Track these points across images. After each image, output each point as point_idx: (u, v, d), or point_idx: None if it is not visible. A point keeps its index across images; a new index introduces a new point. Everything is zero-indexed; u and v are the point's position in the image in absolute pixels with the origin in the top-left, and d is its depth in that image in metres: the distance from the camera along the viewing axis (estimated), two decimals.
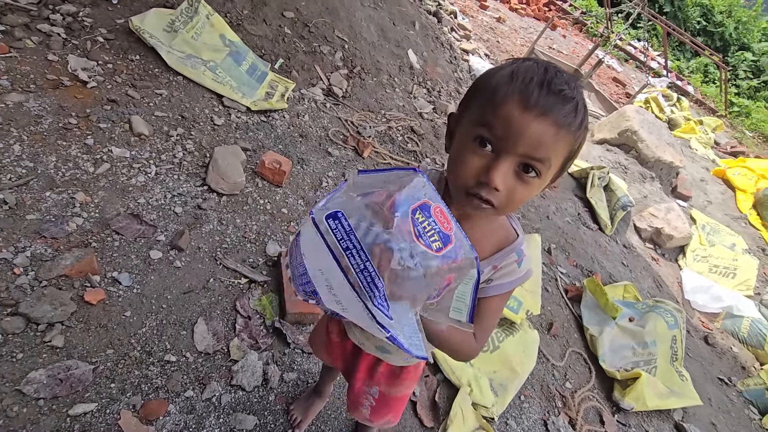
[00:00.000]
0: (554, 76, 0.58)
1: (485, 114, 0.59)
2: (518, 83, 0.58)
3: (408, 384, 1.08)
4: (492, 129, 0.59)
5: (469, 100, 0.67)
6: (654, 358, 2.30)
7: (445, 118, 3.65)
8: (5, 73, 1.92)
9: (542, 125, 0.57)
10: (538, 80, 0.57)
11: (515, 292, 1.89)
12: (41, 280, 1.37)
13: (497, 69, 0.65)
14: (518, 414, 1.79)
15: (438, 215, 0.51)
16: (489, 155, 0.60)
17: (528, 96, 0.56)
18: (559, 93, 0.57)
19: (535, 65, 0.60)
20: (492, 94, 0.59)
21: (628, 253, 3.30)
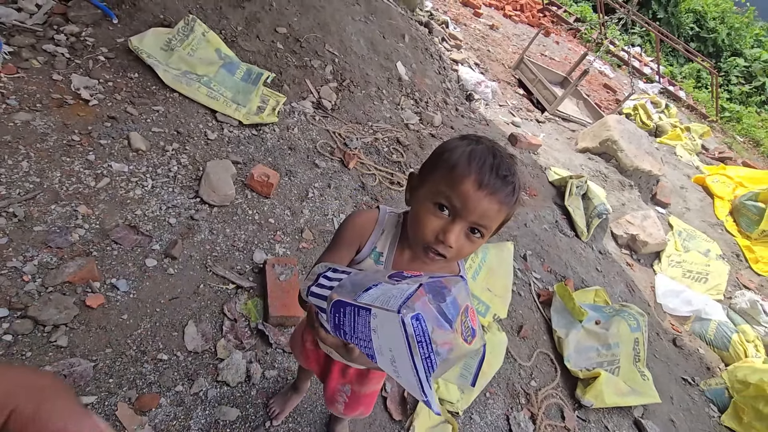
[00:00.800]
0: (501, 162, 0.75)
1: (446, 186, 0.75)
2: (474, 166, 0.74)
3: (375, 382, 1.24)
4: (450, 200, 0.75)
5: (431, 169, 0.81)
6: (617, 359, 2.46)
7: (430, 128, 3.81)
8: (13, 93, 2.09)
9: (490, 202, 0.74)
10: (489, 165, 0.74)
11: (484, 298, 2.06)
12: (47, 286, 1.54)
13: (456, 146, 0.79)
14: (482, 409, 1.96)
15: (471, 315, 0.66)
16: (446, 218, 0.76)
17: (482, 178, 0.73)
18: (504, 178, 0.74)
19: (487, 150, 0.76)
20: (452, 171, 0.75)
21: (603, 258, 3.47)
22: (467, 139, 0.81)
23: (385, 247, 0.89)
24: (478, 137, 0.81)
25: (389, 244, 0.89)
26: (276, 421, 1.52)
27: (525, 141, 4.15)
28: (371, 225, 0.89)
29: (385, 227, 0.90)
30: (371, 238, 0.89)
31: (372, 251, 0.89)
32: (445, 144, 0.83)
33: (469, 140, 0.80)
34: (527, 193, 3.67)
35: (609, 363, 2.45)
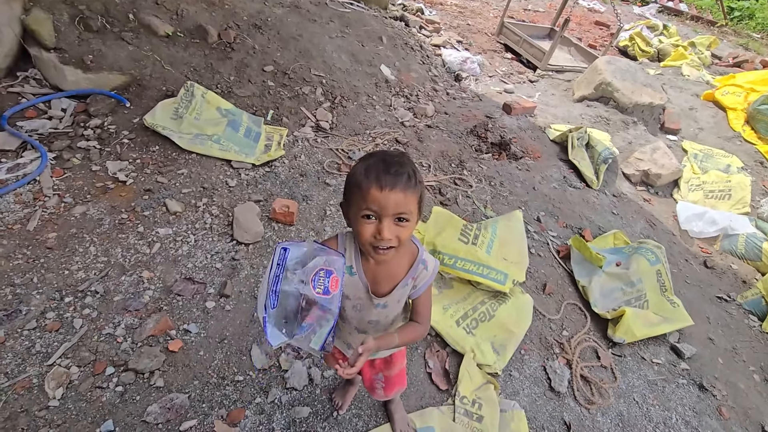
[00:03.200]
0: (390, 163, 0.96)
1: (362, 200, 0.97)
2: (371, 176, 0.95)
3: (399, 363, 1.50)
4: (369, 207, 0.96)
5: (348, 194, 1.02)
6: (643, 294, 2.60)
7: (424, 120, 4.01)
8: (67, 191, 2.48)
9: (395, 194, 0.95)
10: (381, 169, 0.95)
11: (501, 267, 2.27)
12: (137, 342, 1.89)
13: (356, 169, 0.98)
14: (520, 365, 2.18)
15: (333, 281, 0.91)
16: (374, 222, 0.99)
17: (379, 181, 0.94)
18: (395, 173, 0.95)
19: (377, 160, 0.97)
20: (360, 188, 0.96)
21: (618, 201, 3.56)
22: (362, 160, 1.00)
23: (353, 260, 1.11)
24: (371, 154, 1.00)
25: (354, 257, 1.11)
26: (341, 411, 1.81)
27: (519, 107, 4.27)
28: (333, 246, 1.13)
29: (345, 245, 1.12)
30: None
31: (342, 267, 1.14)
32: (351, 171, 1.02)
33: (364, 160, 1.00)
34: (531, 156, 3.80)
35: (636, 299, 2.59)
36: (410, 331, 1.15)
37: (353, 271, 1.11)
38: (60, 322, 1.90)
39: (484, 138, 3.82)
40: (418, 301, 1.17)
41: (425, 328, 1.17)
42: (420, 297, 1.16)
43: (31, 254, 2.13)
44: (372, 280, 1.12)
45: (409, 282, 1.13)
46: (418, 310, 1.17)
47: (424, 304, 1.17)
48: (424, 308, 1.17)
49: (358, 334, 1.26)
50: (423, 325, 1.17)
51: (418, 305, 1.17)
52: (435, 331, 2.18)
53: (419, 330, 1.16)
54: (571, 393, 2.12)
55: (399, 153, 1.01)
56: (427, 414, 1.83)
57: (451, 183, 3.29)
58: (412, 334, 1.15)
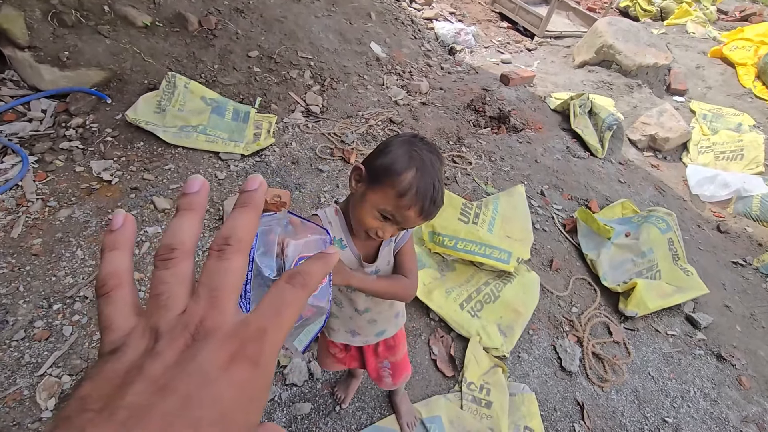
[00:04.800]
0: (438, 192, 0.92)
1: (393, 208, 0.91)
2: (419, 200, 0.90)
3: (401, 347, 1.43)
4: (393, 216, 0.93)
5: (378, 180, 0.93)
6: (654, 264, 2.49)
7: (419, 97, 3.85)
8: (51, 195, 2.40)
9: (421, 221, 0.94)
10: (431, 199, 0.91)
11: (504, 246, 2.17)
12: None
13: (404, 169, 0.91)
14: (528, 346, 2.10)
15: None
16: (383, 222, 0.94)
17: (423, 210, 0.91)
18: (437, 208, 0.93)
19: (430, 182, 0.91)
20: (400, 198, 0.90)
21: (624, 169, 3.42)
22: (413, 160, 0.91)
23: (341, 233, 1.06)
24: (422, 157, 0.92)
25: (342, 230, 1.06)
26: (344, 405, 1.75)
27: (517, 77, 4.09)
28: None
29: (330, 220, 1.06)
30: None
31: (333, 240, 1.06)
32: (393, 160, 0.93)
33: (415, 162, 0.91)
34: (532, 128, 3.65)
35: (647, 270, 2.49)
36: (395, 281, 1.09)
37: (344, 244, 1.06)
38: (49, 331, 1.84)
39: (481, 112, 3.67)
40: (401, 255, 1.11)
41: (411, 284, 1.11)
42: (401, 250, 1.11)
43: (16, 262, 2.06)
44: (361, 248, 1.08)
45: (391, 238, 1.08)
46: (401, 263, 1.12)
47: (407, 257, 1.12)
48: (408, 261, 1.12)
49: (360, 315, 1.20)
50: (410, 279, 1.10)
51: (401, 259, 1.12)
52: (438, 316, 2.09)
53: (405, 282, 1.10)
54: (583, 372, 2.04)
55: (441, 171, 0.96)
56: (433, 403, 1.76)
57: (450, 161, 3.16)
58: (397, 284, 1.08)
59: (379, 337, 1.32)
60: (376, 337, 1.32)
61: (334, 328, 1.28)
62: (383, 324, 1.28)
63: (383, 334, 1.33)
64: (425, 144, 0.97)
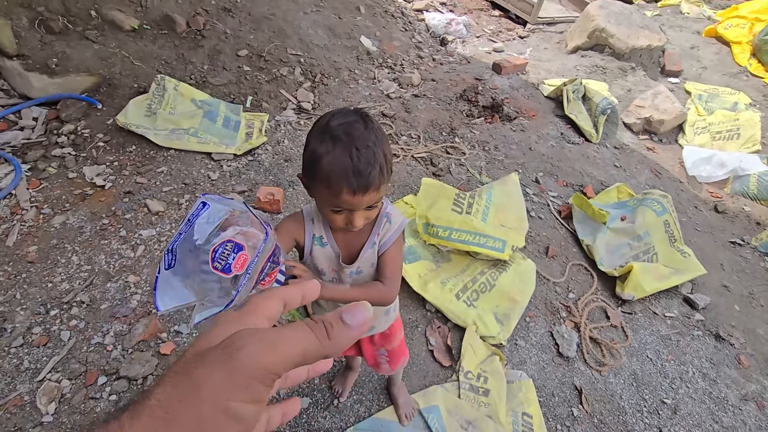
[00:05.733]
0: (359, 159, 0.84)
1: (331, 199, 0.88)
2: (340, 179, 0.84)
3: (398, 334, 1.43)
4: (340, 206, 0.90)
5: (310, 178, 0.91)
6: (651, 247, 2.48)
7: (411, 89, 3.83)
8: (44, 202, 2.41)
9: (368, 195, 0.88)
10: (351, 171, 0.84)
11: (498, 234, 2.17)
12: (127, 348, 1.84)
13: (320, 153, 0.85)
14: (525, 333, 2.10)
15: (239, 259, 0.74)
16: (345, 213, 0.92)
17: (350, 187, 0.85)
18: (368, 175, 0.85)
19: (343, 152, 0.84)
20: (328, 188, 0.86)
21: (620, 153, 3.40)
22: (323, 143, 0.86)
23: (322, 230, 1.04)
24: (333, 134, 0.85)
25: (324, 227, 1.04)
26: (342, 398, 1.75)
27: (510, 65, 4.06)
28: (299, 222, 1.04)
29: (313, 217, 1.05)
30: (306, 233, 1.04)
31: (312, 239, 1.04)
32: (310, 153, 0.89)
33: (325, 143, 0.85)
34: (526, 116, 3.63)
35: (644, 253, 2.48)
36: (368, 289, 1.04)
37: (323, 242, 1.05)
38: (47, 336, 1.85)
39: (474, 102, 3.65)
40: (383, 258, 1.07)
41: (389, 290, 1.05)
42: (385, 254, 1.06)
43: (12, 270, 2.07)
44: (343, 246, 1.06)
45: (375, 239, 1.05)
46: (381, 268, 1.07)
47: (388, 262, 1.06)
48: (388, 267, 1.06)
49: None
50: (386, 287, 1.05)
51: (381, 262, 1.07)
52: (435, 307, 2.10)
53: (380, 289, 1.04)
54: (580, 357, 2.04)
55: (365, 132, 0.86)
56: (430, 393, 1.77)
57: (443, 152, 3.15)
58: (371, 292, 1.03)
59: (368, 332, 1.33)
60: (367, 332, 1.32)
61: None
62: None
63: (373, 330, 1.33)
64: (340, 114, 0.89)
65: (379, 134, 0.90)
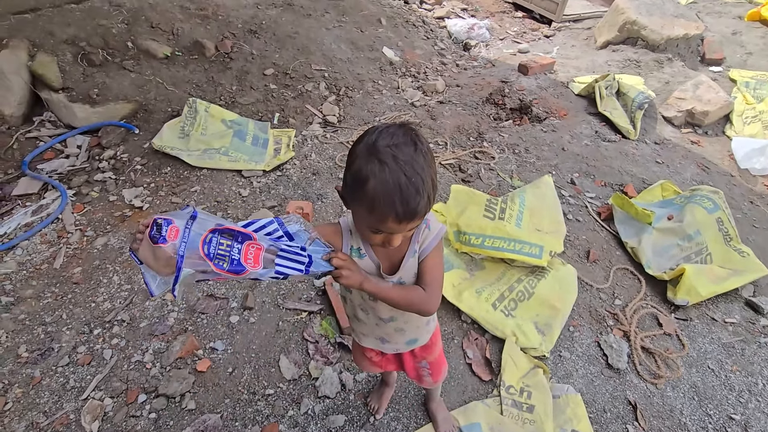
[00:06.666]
0: (409, 186, 0.79)
1: (374, 223, 0.85)
2: (388, 206, 0.80)
3: (437, 344, 1.37)
4: (383, 231, 0.86)
5: (352, 197, 0.87)
6: (704, 247, 2.30)
7: (435, 96, 3.79)
8: (88, 225, 2.52)
9: (412, 224, 0.85)
10: (400, 200, 0.79)
11: (534, 240, 2.08)
12: (165, 366, 1.87)
13: (366, 175, 0.80)
14: (570, 344, 1.97)
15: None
16: (385, 234, 0.88)
17: (397, 216, 0.81)
18: (416, 205, 0.80)
19: (393, 179, 0.78)
20: (372, 212, 0.82)
21: (661, 149, 3.21)
22: (370, 164, 0.80)
23: (360, 242, 1.00)
24: (379, 157, 0.80)
25: (362, 240, 1.00)
26: (378, 415, 1.70)
27: (536, 65, 3.95)
28: (337, 233, 1.01)
29: (351, 228, 1.01)
30: (344, 243, 1.01)
31: (350, 251, 1.01)
32: (354, 172, 0.83)
33: (372, 165, 0.80)
34: (556, 116, 3.51)
35: (696, 254, 2.30)
36: (409, 291, 1.01)
37: (362, 253, 1.01)
38: (91, 355, 1.91)
39: (501, 105, 3.57)
40: (423, 265, 1.03)
41: (430, 297, 1.01)
42: (425, 260, 1.02)
43: (59, 291, 2.16)
44: (383, 257, 1.02)
45: (416, 247, 1.01)
46: (421, 274, 1.03)
47: (429, 269, 1.02)
48: (429, 274, 1.02)
49: (385, 324, 1.16)
50: (427, 293, 1.01)
51: (422, 269, 1.03)
52: (471, 317, 2.01)
53: (421, 294, 1.01)
54: (632, 368, 1.89)
55: (414, 156, 0.81)
56: (471, 409, 1.69)
57: (471, 157, 3.08)
58: (412, 295, 1.00)
59: (410, 345, 1.27)
60: (408, 345, 1.27)
61: (364, 333, 1.24)
62: (413, 333, 1.22)
63: (415, 343, 1.28)
64: (388, 133, 0.83)
65: (428, 157, 0.85)
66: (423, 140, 0.86)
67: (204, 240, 0.78)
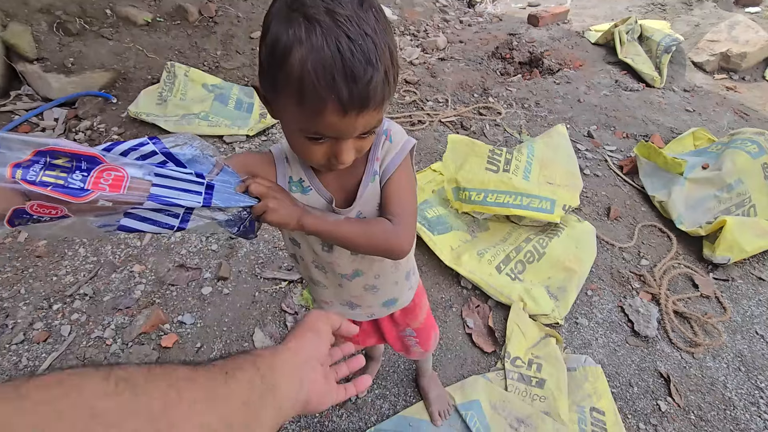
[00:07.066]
0: (353, 61, 0.52)
1: (307, 122, 0.57)
2: (324, 85, 0.52)
3: (422, 307, 1.11)
4: (322, 132, 0.58)
5: (273, 85, 0.59)
6: (746, 197, 1.97)
7: (436, 53, 3.48)
8: None
9: (365, 116, 0.56)
10: (341, 76, 0.52)
11: (545, 193, 1.79)
12: (127, 342, 1.67)
13: (287, 47, 0.53)
14: (588, 310, 1.69)
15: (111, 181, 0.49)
16: (328, 142, 0.61)
17: (341, 100, 0.53)
18: (367, 82, 0.53)
19: (325, 45, 0.51)
20: (301, 102, 0.55)
21: (691, 96, 2.84)
22: (295, 19, 0.53)
23: (301, 172, 0.74)
24: (307, 5, 0.52)
25: (303, 167, 0.74)
26: (361, 393, 1.46)
27: (548, 14, 3.59)
28: (266, 163, 0.74)
29: (286, 154, 0.74)
30: (278, 176, 0.74)
31: (289, 184, 0.74)
32: (272, 32, 0.55)
33: (298, 19, 0.52)
34: (571, 67, 3.16)
35: (737, 206, 1.97)
36: (371, 225, 0.71)
37: (306, 186, 0.74)
38: (48, 332, 1.72)
39: (509, 59, 3.23)
40: (387, 189, 0.74)
41: (399, 232, 0.71)
42: (389, 183, 0.74)
43: (20, 265, 1.98)
44: (336, 188, 0.75)
45: (376, 167, 0.74)
46: (386, 202, 0.74)
47: (395, 193, 0.74)
48: (396, 199, 0.74)
49: (350, 281, 0.88)
50: (395, 224, 0.72)
51: (386, 195, 0.74)
52: (471, 282, 1.75)
53: (387, 227, 0.71)
54: (663, 335, 1.61)
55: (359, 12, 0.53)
56: (469, 385, 1.43)
57: (476, 114, 2.78)
58: (374, 228, 0.71)
59: (389, 308, 1.01)
60: (385, 308, 1.00)
61: (326, 300, 0.98)
62: (389, 291, 0.95)
63: (394, 305, 1.01)
64: None
65: (381, 18, 0.56)
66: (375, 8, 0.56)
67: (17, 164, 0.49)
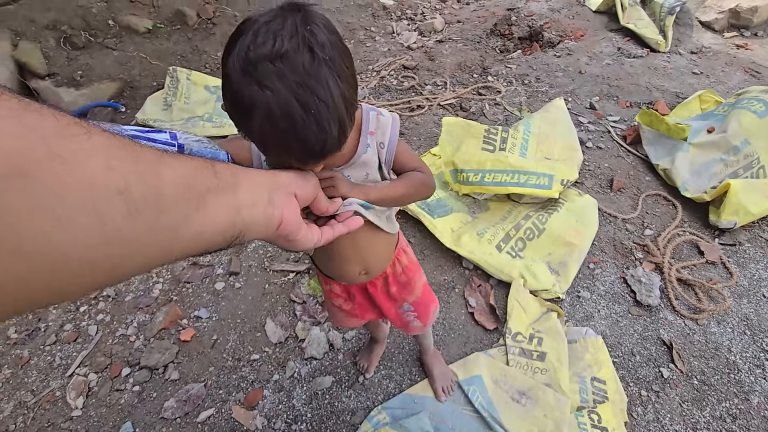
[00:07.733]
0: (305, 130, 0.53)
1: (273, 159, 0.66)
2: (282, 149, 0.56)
3: (417, 278, 1.11)
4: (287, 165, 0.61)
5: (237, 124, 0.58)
6: (754, 159, 1.92)
7: (434, 36, 3.45)
8: None
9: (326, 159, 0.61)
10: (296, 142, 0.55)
11: (542, 169, 1.79)
12: (148, 338, 1.78)
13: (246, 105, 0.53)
14: (590, 283, 1.70)
15: None
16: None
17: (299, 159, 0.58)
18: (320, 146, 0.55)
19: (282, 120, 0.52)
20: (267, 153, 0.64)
21: (698, 58, 2.74)
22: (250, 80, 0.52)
23: None
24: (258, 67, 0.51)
25: None
26: (368, 375, 1.53)
27: None
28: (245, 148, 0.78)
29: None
30: (254, 156, 0.78)
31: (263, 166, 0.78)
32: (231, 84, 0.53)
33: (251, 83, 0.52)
34: (572, 38, 3.08)
35: (745, 168, 1.93)
36: (413, 178, 0.82)
37: None
38: (77, 332, 1.85)
39: (508, 35, 3.18)
40: (399, 156, 0.81)
41: (429, 175, 0.85)
42: (398, 151, 0.80)
43: None
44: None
45: (368, 140, 0.76)
46: (404, 162, 0.83)
47: (406, 153, 0.83)
48: (410, 156, 0.84)
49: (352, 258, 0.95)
50: (422, 173, 0.84)
51: (401, 160, 0.82)
52: (472, 262, 1.78)
53: (421, 177, 0.83)
54: (667, 304, 1.61)
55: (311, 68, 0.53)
56: (471, 361, 1.48)
57: (475, 94, 2.76)
58: (415, 178, 0.82)
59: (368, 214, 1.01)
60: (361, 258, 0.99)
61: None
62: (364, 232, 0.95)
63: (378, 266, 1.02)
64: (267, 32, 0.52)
65: (335, 63, 0.55)
66: (322, 36, 0.54)
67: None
